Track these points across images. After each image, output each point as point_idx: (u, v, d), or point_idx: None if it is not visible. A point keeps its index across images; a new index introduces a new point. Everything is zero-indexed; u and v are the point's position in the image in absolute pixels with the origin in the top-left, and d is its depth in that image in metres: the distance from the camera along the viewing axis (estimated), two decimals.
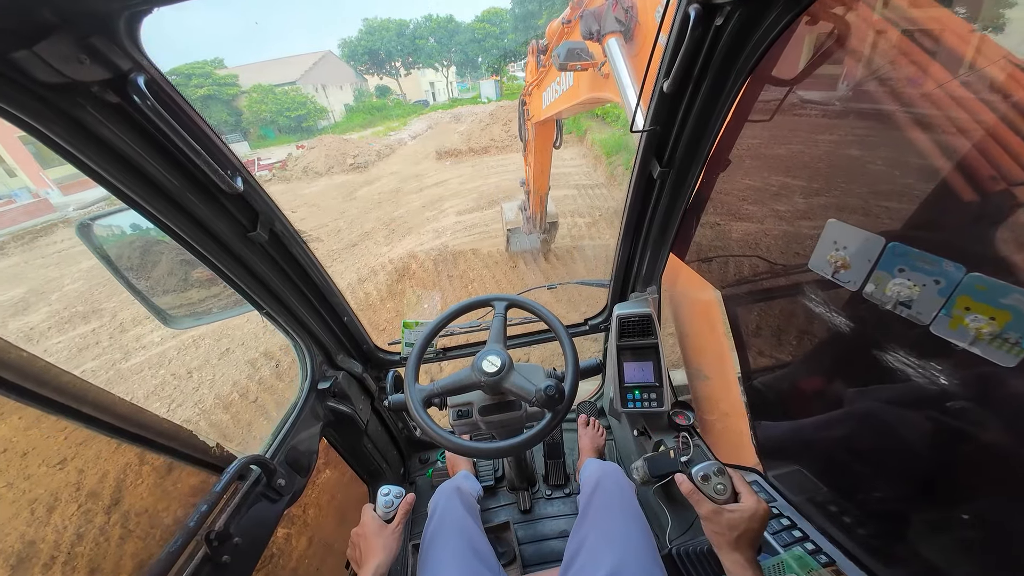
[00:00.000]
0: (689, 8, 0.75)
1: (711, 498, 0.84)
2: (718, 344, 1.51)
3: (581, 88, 2.54)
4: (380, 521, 0.99)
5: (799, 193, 0.93)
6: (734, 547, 0.77)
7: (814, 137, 0.89)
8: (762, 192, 1.01)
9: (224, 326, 5.53)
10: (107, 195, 0.73)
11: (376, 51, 33.54)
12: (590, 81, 2.38)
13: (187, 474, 0.90)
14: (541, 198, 5.33)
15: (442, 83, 40.40)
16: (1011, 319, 0.56)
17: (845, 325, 0.84)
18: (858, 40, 0.74)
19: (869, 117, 0.76)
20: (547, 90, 3.25)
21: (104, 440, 0.76)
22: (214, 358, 5.07)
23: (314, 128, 25.05)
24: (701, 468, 0.88)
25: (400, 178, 12.80)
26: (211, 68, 24.87)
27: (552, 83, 3.09)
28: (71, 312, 6.75)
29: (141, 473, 0.82)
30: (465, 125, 18.25)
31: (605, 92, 2.23)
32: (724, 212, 1.12)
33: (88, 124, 0.66)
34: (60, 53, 0.57)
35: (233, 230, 0.92)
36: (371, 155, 15.53)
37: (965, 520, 0.74)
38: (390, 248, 7.79)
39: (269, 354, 4.99)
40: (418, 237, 8.11)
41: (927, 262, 0.63)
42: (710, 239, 1.20)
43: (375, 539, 0.95)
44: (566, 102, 2.89)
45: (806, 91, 0.85)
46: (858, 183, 0.80)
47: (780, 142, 0.95)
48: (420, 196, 10.79)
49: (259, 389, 4.53)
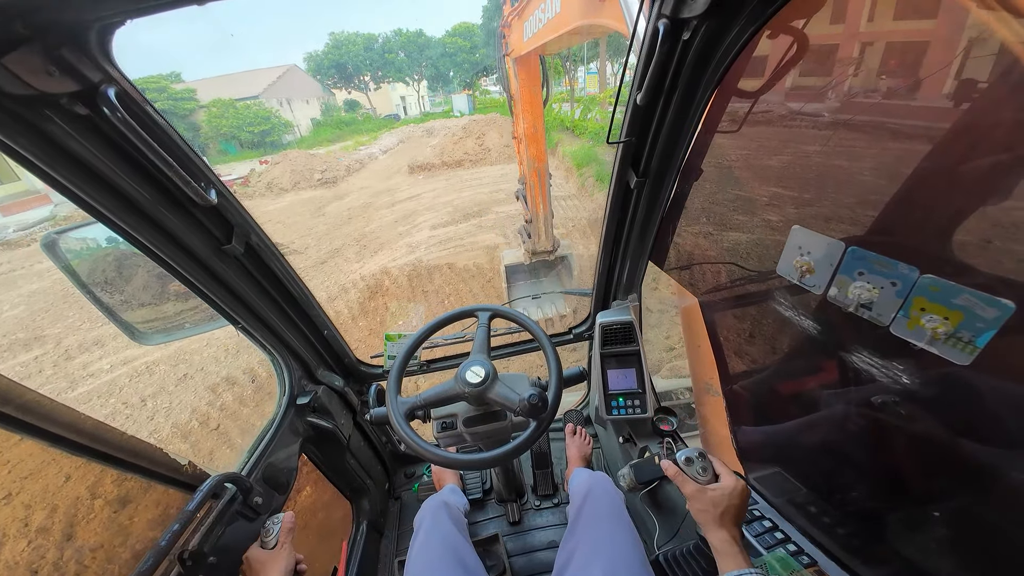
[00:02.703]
0: (658, 23, 0.79)
1: (695, 479, 0.89)
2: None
3: (571, 13, 2.21)
4: (264, 551, 0.98)
5: (767, 200, 0.96)
6: (719, 524, 0.81)
7: (779, 146, 0.93)
8: (734, 199, 1.04)
9: (182, 350, 5.33)
10: (50, 216, 0.72)
11: (344, 65, 33.07)
12: (582, 4, 2.05)
13: (159, 493, 0.87)
14: (539, 172, 4.32)
15: (413, 97, 40.21)
16: (963, 319, 0.59)
17: (814, 328, 0.86)
18: (816, 51, 0.78)
19: (829, 126, 0.79)
20: (529, 19, 2.80)
21: (68, 459, 0.73)
22: (171, 384, 4.86)
23: (279, 143, 24.57)
24: (684, 453, 0.93)
25: (371, 193, 12.62)
26: (167, 83, 24.41)
27: (535, 10, 2.67)
28: (10, 340, 6.30)
29: (109, 491, 0.79)
30: (438, 139, 18.17)
31: (599, 17, 1.91)
32: (699, 220, 1.15)
33: (56, 137, 0.65)
34: (29, 65, 0.56)
35: (207, 243, 0.91)
36: (340, 170, 15.27)
37: (936, 517, 0.76)
38: (361, 265, 7.63)
39: (231, 379, 4.81)
40: (391, 252, 7.97)
41: (883, 265, 0.66)
42: (686, 247, 1.23)
43: (260, 566, 0.94)
44: (552, 31, 2.50)
45: (771, 102, 0.88)
46: (821, 190, 0.84)
47: (748, 151, 0.98)
48: (392, 211, 10.63)
49: (221, 416, 4.37)
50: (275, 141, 24.51)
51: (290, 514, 1.04)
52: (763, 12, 0.72)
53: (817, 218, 0.81)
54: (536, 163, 4.24)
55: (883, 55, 0.74)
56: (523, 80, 3.52)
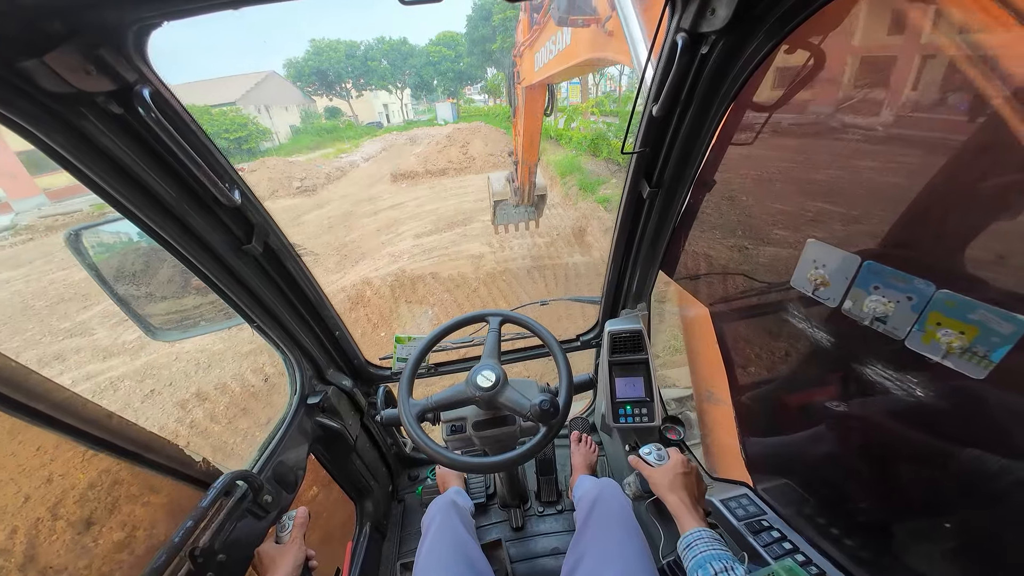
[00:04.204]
0: (677, 37, 0.80)
1: (651, 465, 1.12)
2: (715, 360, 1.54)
3: (580, 47, 2.34)
4: (275, 545, 1.00)
5: (780, 212, 0.97)
6: (671, 490, 1.02)
7: (794, 159, 0.94)
8: (747, 211, 1.05)
9: (150, 365, 5.20)
10: (11, 225, 0.73)
11: (325, 72, 32.43)
12: (591, 40, 2.17)
13: (171, 488, 0.88)
14: (530, 168, 5.17)
15: (396, 105, 39.79)
16: (979, 333, 0.59)
17: (827, 340, 0.87)
18: (834, 67, 0.80)
19: (845, 140, 0.80)
20: (540, 51, 3.03)
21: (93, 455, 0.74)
22: (136, 401, 4.71)
23: (256, 150, 23.70)
24: (645, 448, 1.17)
25: (352, 201, 12.38)
26: None
27: (547, 42, 2.85)
28: None
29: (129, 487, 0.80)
30: (421, 147, 17.86)
31: (608, 52, 2.01)
32: (711, 231, 1.16)
33: (89, 134, 0.66)
34: (68, 63, 0.58)
35: (228, 242, 0.92)
36: (320, 178, 14.97)
37: (947, 529, 0.76)
38: (341, 275, 7.46)
39: (202, 394, 4.67)
40: (373, 262, 7.82)
41: (899, 279, 0.67)
42: (698, 257, 1.24)
43: (271, 562, 0.95)
44: (562, 63, 2.67)
45: (786, 115, 0.90)
46: (836, 203, 0.85)
47: (763, 164, 0.99)
48: (374, 219, 10.43)
49: (190, 434, 4.25)
50: (252, 148, 23.62)
51: (304, 509, 1.05)
52: (781, 29, 0.73)
53: (833, 231, 0.82)
54: (528, 162, 5.04)
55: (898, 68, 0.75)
56: (528, 102, 3.86)
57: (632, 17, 1.46)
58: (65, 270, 8.64)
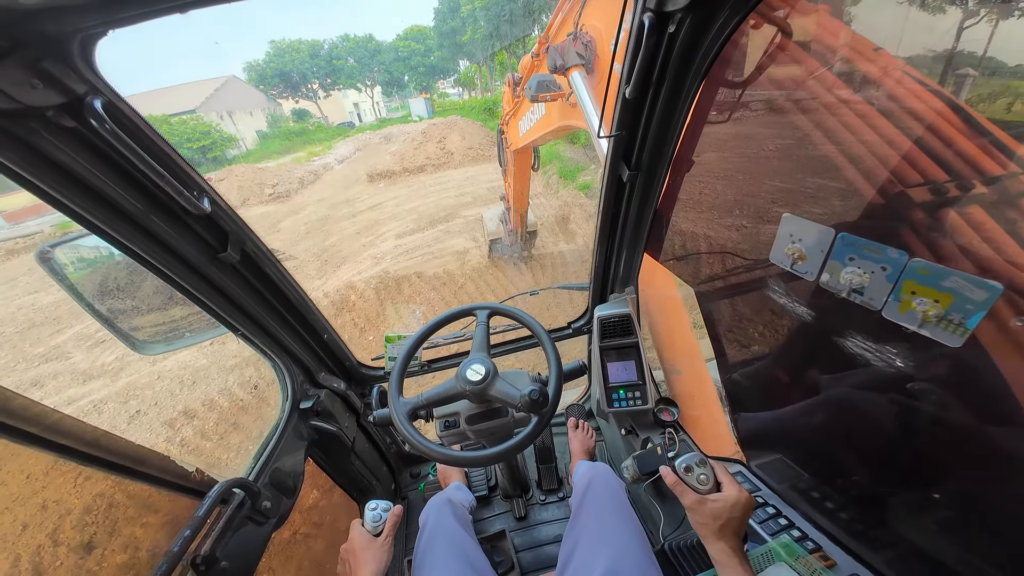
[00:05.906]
0: (643, 16, 0.79)
1: (694, 488, 0.86)
2: (686, 339, 1.55)
3: (553, 117, 2.72)
4: (368, 535, 0.98)
5: (757, 189, 0.97)
6: (718, 536, 0.78)
7: (769, 135, 0.93)
8: (725, 189, 1.05)
9: (132, 385, 5.12)
10: None
11: (288, 73, 31.40)
12: (560, 110, 2.53)
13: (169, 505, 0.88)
14: (521, 215, 5.89)
15: (367, 103, 38.81)
16: (953, 301, 0.60)
17: (808, 314, 0.87)
18: (801, 40, 0.78)
19: (816, 114, 0.80)
20: (523, 119, 3.47)
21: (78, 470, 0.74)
22: (122, 423, 4.63)
23: (222, 158, 22.92)
24: (684, 460, 0.90)
25: (329, 205, 12.10)
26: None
27: (527, 112, 3.30)
28: None
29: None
30: (397, 145, 17.43)
31: (572, 120, 2.39)
32: (691, 210, 1.16)
33: (43, 149, 0.64)
34: (12, 78, 0.56)
35: (202, 252, 0.91)
36: (293, 183, 14.59)
37: (937, 499, 0.77)
38: (324, 281, 7.34)
39: (189, 412, 4.61)
40: (355, 266, 7.69)
41: (873, 250, 0.67)
42: (681, 237, 1.24)
43: (364, 553, 0.93)
44: (540, 130, 3.09)
45: (758, 91, 0.89)
46: (810, 177, 0.84)
47: (738, 141, 0.99)
48: (354, 222, 10.25)
49: (181, 452, 4.21)
50: (218, 156, 22.83)
51: (399, 507, 1.03)
52: (746, 2, 0.72)
53: (807, 205, 0.81)
54: (519, 210, 5.70)
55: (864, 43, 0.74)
56: (517, 162, 4.51)
57: (583, 92, 1.84)
58: (33, 294, 8.38)
